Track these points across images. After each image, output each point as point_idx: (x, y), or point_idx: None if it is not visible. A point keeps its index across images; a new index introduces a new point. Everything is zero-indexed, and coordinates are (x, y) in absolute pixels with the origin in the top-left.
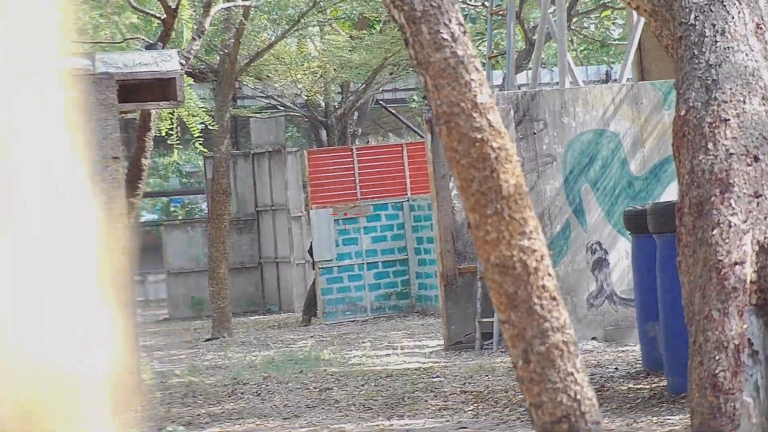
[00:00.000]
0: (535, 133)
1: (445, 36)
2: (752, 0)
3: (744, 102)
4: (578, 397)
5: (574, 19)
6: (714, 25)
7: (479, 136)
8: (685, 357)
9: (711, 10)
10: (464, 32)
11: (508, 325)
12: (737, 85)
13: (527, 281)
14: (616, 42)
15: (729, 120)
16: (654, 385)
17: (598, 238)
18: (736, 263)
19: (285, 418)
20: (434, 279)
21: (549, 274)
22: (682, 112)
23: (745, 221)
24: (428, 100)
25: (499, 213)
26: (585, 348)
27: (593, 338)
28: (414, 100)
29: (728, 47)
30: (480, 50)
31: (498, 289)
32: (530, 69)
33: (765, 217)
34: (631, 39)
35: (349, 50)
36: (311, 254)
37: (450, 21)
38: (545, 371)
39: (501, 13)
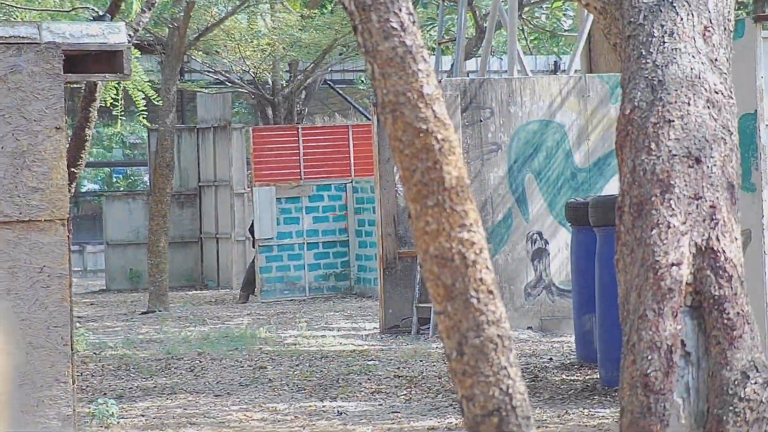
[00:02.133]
0: (481, 121)
1: (395, 25)
2: (701, 3)
3: (689, 104)
4: (510, 391)
5: (526, 8)
6: (662, 26)
7: (424, 126)
8: (619, 351)
9: (660, 10)
10: (414, 22)
11: (443, 317)
12: (683, 87)
13: (465, 273)
14: (566, 33)
15: (673, 121)
16: (587, 377)
17: (539, 228)
18: (673, 264)
19: (217, 395)
20: (374, 262)
21: (487, 268)
22: (627, 111)
23: (684, 223)
24: (374, 89)
25: (441, 204)
26: (520, 337)
27: (529, 327)
28: (362, 81)
29: (675, 49)
30: (430, 35)
31: (435, 281)
32: (480, 56)
33: (704, 220)
34: (581, 31)
35: (300, 29)
36: (251, 232)
37: (400, 10)
38: (479, 364)
39: None
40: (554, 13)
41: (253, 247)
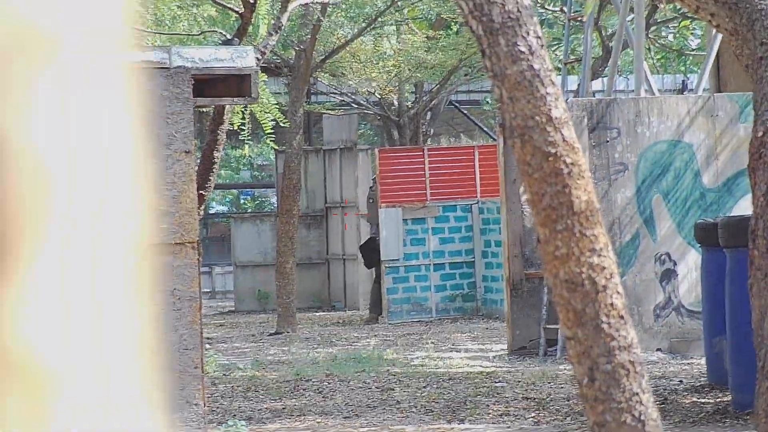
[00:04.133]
0: (608, 141)
1: (523, 49)
2: None
3: None
4: (642, 417)
5: (652, 28)
6: None
7: (553, 150)
8: (752, 373)
9: None
10: (541, 45)
11: (574, 342)
12: None
13: (595, 299)
14: (694, 52)
15: None
16: (718, 400)
17: (667, 249)
18: None
19: (346, 417)
20: (500, 283)
21: (618, 293)
22: (760, 134)
23: None
24: (502, 113)
25: (570, 229)
26: (650, 359)
27: (658, 349)
28: (488, 102)
29: None
30: (556, 55)
31: (566, 306)
32: (606, 76)
33: None
34: (709, 50)
35: (425, 50)
36: (364, 252)
37: (528, 33)
38: (610, 390)
39: (579, 18)
40: (681, 32)
41: (367, 267)
